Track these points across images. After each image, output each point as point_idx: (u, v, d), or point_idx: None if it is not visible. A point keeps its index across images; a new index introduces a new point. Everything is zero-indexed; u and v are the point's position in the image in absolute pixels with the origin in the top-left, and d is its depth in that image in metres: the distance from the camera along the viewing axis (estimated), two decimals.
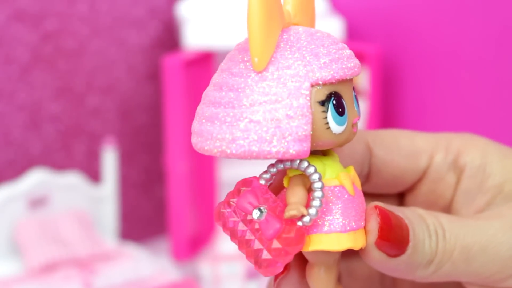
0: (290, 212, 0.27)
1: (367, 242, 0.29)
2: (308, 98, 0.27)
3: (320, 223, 0.28)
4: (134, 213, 0.99)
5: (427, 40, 0.85)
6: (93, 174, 0.93)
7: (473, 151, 0.33)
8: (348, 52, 0.29)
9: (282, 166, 0.29)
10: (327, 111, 0.28)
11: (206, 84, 0.32)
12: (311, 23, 0.31)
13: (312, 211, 0.27)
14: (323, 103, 0.28)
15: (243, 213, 0.29)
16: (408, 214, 0.30)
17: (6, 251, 0.81)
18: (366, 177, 0.34)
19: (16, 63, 0.85)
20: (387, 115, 0.90)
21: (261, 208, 0.28)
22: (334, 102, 0.28)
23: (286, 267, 0.30)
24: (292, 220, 0.28)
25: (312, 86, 0.27)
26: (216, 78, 0.30)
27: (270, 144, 0.27)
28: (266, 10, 0.27)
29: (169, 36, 0.96)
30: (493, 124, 0.78)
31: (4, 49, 0.84)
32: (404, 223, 0.29)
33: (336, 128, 0.28)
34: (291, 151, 0.27)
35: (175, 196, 0.84)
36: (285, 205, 0.28)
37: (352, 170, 0.30)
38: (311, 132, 0.27)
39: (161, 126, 0.97)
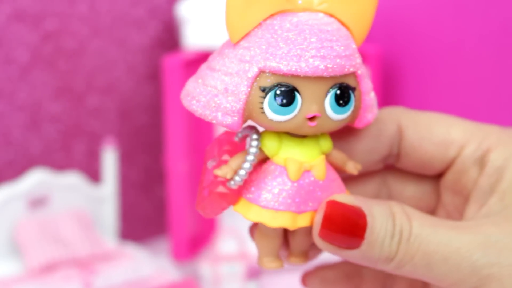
0: (217, 171, 0.30)
1: (313, 232, 0.30)
2: (250, 81, 0.29)
3: (252, 192, 0.31)
4: (134, 213, 0.99)
5: (428, 41, 0.85)
6: (93, 174, 0.93)
7: (501, 150, 0.33)
8: (322, 52, 0.29)
9: (244, 132, 0.32)
10: (264, 98, 0.29)
11: None
12: (356, 18, 0.31)
13: (236, 177, 0.30)
14: (264, 89, 0.29)
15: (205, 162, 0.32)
16: (374, 211, 0.30)
17: (6, 251, 0.81)
18: (396, 157, 0.34)
19: (16, 63, 0.85)
20: None
21: (215, 159, 0.31)
22: (278, 92, 0.29)
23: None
24: (225, 179, 0.30)
25: (262, 72, 0.29)
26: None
27: (208, 110, 0.30)
28: None
29: (169, 36, 0.96)
30: (494, 122, 0.78)
31: (4, 49, 0.84)
32: (361, 220, 0.30)
33: (272, 115, 0.30)
34: (220, 120, 0.30)
35: (175, 196, 0.84)
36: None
37: (318, 160, 0.31)
38: (241, 110, 0.29)
39: (161, 126, 0.97)
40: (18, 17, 0.84)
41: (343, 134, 0.34)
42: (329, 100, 0.30)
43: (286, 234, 0.33)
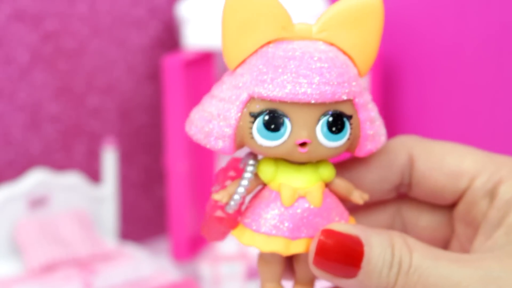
0: (214, 195, 0.31)
1: (308, 259, 0.30)
2: (240, 106, 0.30)
3: (248, 216, 0.31)
4: (134, 213, 0.99)
5: (428, 41, 0.85)
6: (93, 174, 0.93)
7: None
8: (311, 79, 0.30)
9: (246, 159, 0.32)
10: (253, 123, 0.30)
11: (206, 84, 0.35)
12: (358, 46, 0.31)
13: (231, 202, 0.31)
14: (253, 115, 0.30)
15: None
16: (373, 240, 0.30)
17: (6, 251, 0.81)
18: (408, 186, 0.34)
19: (16, 63, 0.85)
20: (387, 116, 0.90)
21: (217, 185, 0.32)
22: (266, 117, 0.30)
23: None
24: (224, 204, 0.31)
25: (251, 98, 0.29)
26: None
27: (203, 135, 0.31)
28: (237, 19, 0.29)
29: (169, 36, 0.96)
30: (494, 124, 0.78)
31: (4, 49, 0.84)
32: (358, 249, 0.29)
33: (261, 141, 0.30)
34: (212, 145, 0.31)
35: (175, 196, 0.84)
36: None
37: (314, 187, 0.31)
38: (232, 135, 0.30)
39: (161, 126, 0.97)
40: (18, 17, 0.84)
41: (352, 164, 0.34)
42: (320, 127, 0.30)
43: (291, 262, 0.34)
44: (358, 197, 0.33)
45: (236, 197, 0.31)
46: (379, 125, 0.33)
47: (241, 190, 0.31)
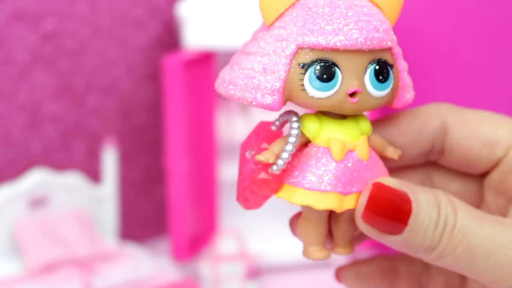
0: (258, 156, 0.29)
1: (356, 213, 0.29)
2: (288, 58, 0.29)
3: (296, 176, 0.30)
4: (134, 213, 0.99)
5: (428, 41, 0.85)
6: (93, 174, 0.93)
7: None
8: (360, 24, 0.29)
9: (282, 118, 0.31)
10: (304, 74, 0.28)
11: (206, 84, 0.34)
12: None
13: (279, 161, 0.29)
14: (303, 66, 0.29)
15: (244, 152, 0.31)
16: (419, 198, 0.29)
17: (6, 251, 0.81)
18: (439, 153, 0.33)
19: (16, 63, 0.85)
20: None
21: (254, 148, 0.31)
22: (317, 67, 0.28)
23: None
24: (266, 166, 0.29)
25: (300, 48, 0.28)
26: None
27: (247, 92, 0.29)
28: None
29: (169, 36, 0.96)
30: None
31: (4, 49, 0.84)
32: (406, 205, 0.29)
33: (314, 92, 0.29)
34: (260, 101, 0.29)
35: (175, 196, 0.84)
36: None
37: (360, 140, 0.30)
38: (281, 89, 0.29)
39: (161, 126, 0.97)
40: (18, 17, 0.84)
41: (384, 126, 0.34)
42: (368, 76, 0.29)
43: (329, 224, 0.33)
44: (393, 152, 0.33)
45: (285, 155, 0.29)
46: (409, 77, 0.32)
47: (289, 147, 0.29)
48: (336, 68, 0.29)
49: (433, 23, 0.84)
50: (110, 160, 0.87)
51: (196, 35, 0.84)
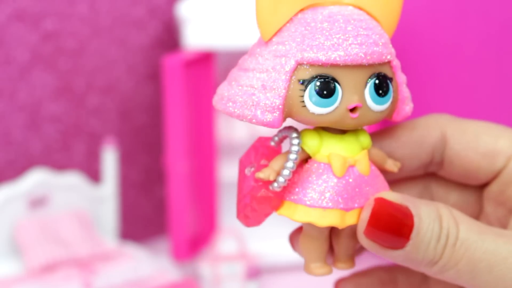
0: (259, 174, 0.29)
1: (358, 229, 0.29)
2: (288, 74, 0.28)
3: (297, 193, 0.30)
4: (134, 213, 0.99)
5: (428, 41, 0.85)
6: (93, 174, 0.93)
7: None
8: (359, 39, 0.29)
9: (281, 134, 0.31)
10: (304, 90, 0.28)
11: (206, 84, 0.34)
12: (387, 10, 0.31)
13: (280, 178, 0.29)
14: (303, 82, 0.28)
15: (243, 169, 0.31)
16: (422, 211, 0.29)
17: (6, 251, 0.81)
18: (439, 165, 0.33)
19: (16, 63, 0.85)
20: None
21: (253, 165, 0.30)
22: (318, 83, 0.28)
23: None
24: (266, 183, 0.29)
25: (299, 64, 0.28)
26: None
27: (247, 109, 0.29)
28: None
29: (169, 36, 0.96)
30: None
31: (4, 49, 0.84)
32: (408, 220, 0.29)
33: (314, 108, 0.29)
34: (260, 119, 0.29)
35: (175, 196, 0.84)
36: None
37: (361, 155, 0.30)
38: (280, 106, 0.28)
39: (161, 126, 0.97)
40: (18, 17, 0.84)
41: (383, 138, 0.34)
42: (368, 90, 0.29)
43: (330, 239, 0.33)
44: (392, 165, 0.33)
45: (286, 172, 0.29)
46: (407, 89, 0.32)
47: (290, 164, 0.29)
48: (336, 84, 0.28)
49: (433, 25, 0.84)
50: (110, 160, 0.87)
51: (196, 35, 0.84)
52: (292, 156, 0.29)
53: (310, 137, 0.30)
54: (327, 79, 0.28)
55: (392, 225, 0.28)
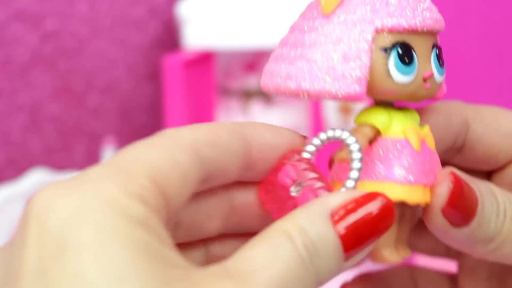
0: (339, 154, 0.27)
1: (433, 205, 0.28)
2: (369, 42, 0.27)
3: (379, 172, 0.28)
4: None
5: None
6: None
7: None
8: (426, 5, 0.28)
9: (325, 137, 0.28)
10: (389, 58, 0.27)
11: (206, 84, 0.32)
12: None
13: (350, 183, 0.27)
14: (386, 50, 0.27)
15: (285, 189, 0.28)
16: (481, 188, 0.28)
17: None
18: (458, 150, 0.33)
19: (16, 63, 0.85)
20: None
21: (300, 182, 0.27)
22: (399, 50, 0.27)
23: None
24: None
25: (377, 32, 0.27)
26: (292, 23, 0.30)
27: (324, 83, 0.27)
28: None
29: (169, 36, 0.96)
30: None
31: (4, 49, 0.84)
32: (474, 195, 0.28)
33: (398, 77, 0.27)
34: (343, 91, 0.27)
35: None
36: (325, 178, 0.27)
37: (426, 129, 0.29)
38: (367, 76, 0.27)
39: (161, 126, 0.97)
40: (18, 17, 0.84)
41: None
42: (433, 60, 0.28)
43: None
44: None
45: (350, 183, 0.27)
46: None
47: (355, 175, 0.27)
48: (413, 51, 0.28)
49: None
50: None
51: (196, 35, 0.84)
52: (357, 164, 0.27)
53: (379, 113, 0.28)
54: (407, 46, 0.27)
55: (466, 201, 0.28)
